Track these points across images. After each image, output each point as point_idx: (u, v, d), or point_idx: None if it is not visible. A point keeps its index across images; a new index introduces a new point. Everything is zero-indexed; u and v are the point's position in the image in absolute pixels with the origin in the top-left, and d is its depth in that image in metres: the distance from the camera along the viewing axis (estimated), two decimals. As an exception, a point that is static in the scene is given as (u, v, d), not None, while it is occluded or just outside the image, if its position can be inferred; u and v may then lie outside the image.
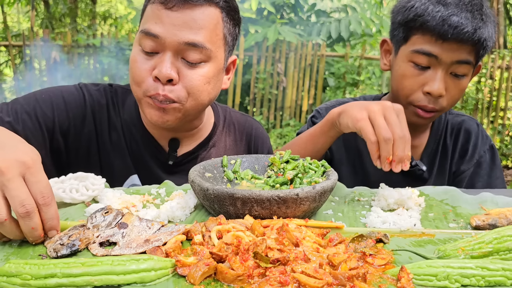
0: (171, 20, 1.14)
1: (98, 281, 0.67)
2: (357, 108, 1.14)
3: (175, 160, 1.36)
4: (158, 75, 1.14)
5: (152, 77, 1.16)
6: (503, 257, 0.78)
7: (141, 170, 1.35)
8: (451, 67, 1.32)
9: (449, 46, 1.28)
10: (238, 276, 0.69)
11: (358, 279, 0.69)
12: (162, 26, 1.14)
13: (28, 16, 9.52)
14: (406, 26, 1.35)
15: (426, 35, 1.31)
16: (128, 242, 0.81)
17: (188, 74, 1.17)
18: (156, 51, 1.16)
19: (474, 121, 1.61)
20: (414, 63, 1.34)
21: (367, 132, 1.07)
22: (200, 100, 1.22)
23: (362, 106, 1.13)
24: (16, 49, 7.21)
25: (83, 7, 9.50)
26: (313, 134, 1.35)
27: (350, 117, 1.14)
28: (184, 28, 1.14)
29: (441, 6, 1.28)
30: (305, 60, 6.75)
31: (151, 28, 1.14)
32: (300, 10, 7.72)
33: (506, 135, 6.71)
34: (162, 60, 1.15)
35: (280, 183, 1.06)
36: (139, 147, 1.35)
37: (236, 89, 6.73)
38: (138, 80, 1.18)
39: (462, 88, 1.37)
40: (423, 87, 1.34)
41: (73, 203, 1.02)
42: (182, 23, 1.14)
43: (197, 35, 1.15)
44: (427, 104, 1.35)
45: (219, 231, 0.82)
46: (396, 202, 1.06)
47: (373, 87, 7.02)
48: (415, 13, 1.32)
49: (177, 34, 1.14)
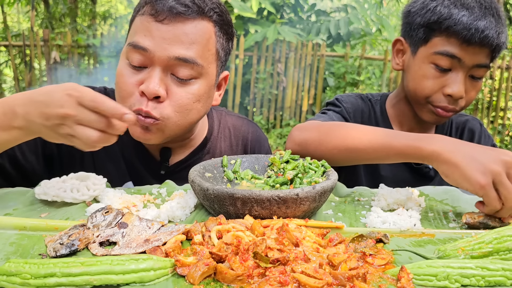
0: (161, 34, 1.09)
1: (97, 280, 0.67)
2: (472, 164, 0.95)
3: (167, 170, 1.32)
4: (145, 90, 1.09)
5: (139, 91, 1.10)
6: (503, 257, 0.78)
7: (134, 178, 1.32)
8: (471, 70, 1.34)
9: (473, 49, 1.30)
10: (237, 276, 0.68)
11: (358, 279, 0.69)
12: (151, 39, 1.09)
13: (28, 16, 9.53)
14: (428, 27, 1.35)
15: (451, 38, 1.31)
16: (128, 242, 0.81)
17: (177, 91, 1.12)
18: (144, 66, 1.11)
19: (477, 121, 1.65)
20: (436, 65, 1.35)
21: (492, 201, 0.93)
22: (188, 119, 1.17)
23: (477, 162, 0.95)
24: (16, 49, 7.22)
25: (83, 7, 9.50)
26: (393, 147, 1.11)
27: (467, 179, 0.95)
28: (174, 42, 1.09)
29: (465, 10, 1.29)
30: (305, 60, 6.76)
31: (139, 41, 1.09)
32: (300, 10, 7.72)
33: (506, 135, 6.71)
34: (150, 76, 1.10)
35: (280, 183, 1.06)
36: (131, 156, 1.31)
37: (236, 89, 6.74)
38: (124, 94, 1.13)
39: (478, 89, 1.40)
40: (444, 89, 1.35)
41: (74, 203, 1.02)
42: (172, 36, 1.09)
43: (189, 50, 1.10)
44: (447, 105, 1.37)
45: (219, 231, 0.82)
46: (396, 202, 1.06)
47: (373, 87, 7.02)
48: (438, 15, 1.32)
49: (167, 49, 1.09)
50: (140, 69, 1.12)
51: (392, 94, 1.61)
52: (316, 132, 1.26)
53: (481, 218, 0.96)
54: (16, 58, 7.32)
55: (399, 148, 1.09)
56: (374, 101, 1.59)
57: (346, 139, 1.19)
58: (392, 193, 1.07)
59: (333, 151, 1.20)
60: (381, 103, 1.58)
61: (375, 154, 1.14)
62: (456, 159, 0.97)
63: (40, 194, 1.01)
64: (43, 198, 1.01)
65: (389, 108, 1.57)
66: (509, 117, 6.94)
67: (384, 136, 1.14)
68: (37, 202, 1.02)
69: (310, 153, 1.23)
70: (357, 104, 1.55)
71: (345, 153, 1.19)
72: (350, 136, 1.19)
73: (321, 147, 1.22)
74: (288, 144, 1.31)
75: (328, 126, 1.29)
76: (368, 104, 1.58)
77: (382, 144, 1.12)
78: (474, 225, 0.96)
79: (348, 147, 1.18)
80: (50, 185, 1.02)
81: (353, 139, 1.18)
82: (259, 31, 6.78)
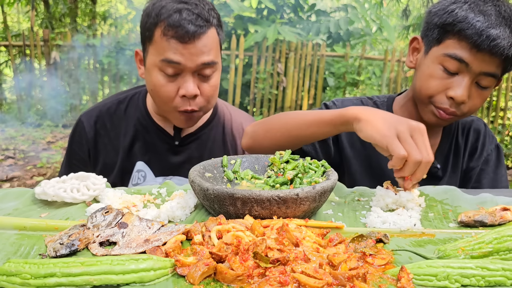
0: (189, 51, 1.37)
1: (97, 280, 0.67)
2: (382, 121, 1.11)
3: (179, 140, 1.62)
4: (186, 94, 1.41)
5: (180, 95, 1.42)
6: (503, 257, 0.78)
7: (152, 155, 1.62)
8: (478, 77, 1.34)
9: (482, 56, 1.30)
10: (237, 276, 0.68)
11: (358, 279, 0.69)
12: (181, 55, 1.37)
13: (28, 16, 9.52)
14: (443, 28, 1.36)
15: (462, 41, 1.31)
16: (128, 242, 0.81)
17: (206, 87, 1.45)
18: (177, 73, 1.40)
19: (481, 122, 1.67)
20: (444, 67, 1.35)
21: (396, 147, 1.05)
22: (213, 103, 1.52)
23: (387, 121, 1.11)
24: (16, 49, 7.22)
25: (83, 7, 9.50)
26: (322, 119, 1.28)
27: (375, 130, 1.10)
28: (200, 53, 1.38)
29: (482, 15, 1.29)
30: (305, 60, 6.75)
31: (172, 58, 1.37)
32: (300, 10, 7.72)
33: (506, 135, 6.71)
34: (185, 81, 1.41)
35: (280, 183, 1.06)
36: (151, 136, 1.62)
37: (236, 89, 6.73)
38: (166, 100, 1.43)
39: (484, 97, 1.40)
40: (447, 91, 1.36)
41: (74, 203, 1.02)
42: (197, 51, 1.38)
43: (209, 55, 1.41)
44: (448, 108, 1.37)
45: (219, 231, 0.82)
46: (395, 203, 1.06)
47: (373, 87, 7.02)
48: (454, 18, 1.32)
49: (195, 60, 1.38)
50: (174, 77, 1.41)
51: (401, 96, 1.61)
52: (264, 123, 1.42)
53: (476, 216, 0.97)
54: (16, 58, 7.31)
55: (327, 119, 1.26)
56: (380, 103, 1.59)
57: (286, 122, 1.37)
58: (390, 193, 1.07)
59: (277, 135, 1.35)
60: (388, 105, 1.59)
61: (309, 129, 1.30)
62: (370, 117, 1.14)
63: (40, 194, 1.01)
64: (43, 198, 1.01)
65: (397, 109, 1.57)
66: (509, 117, 6.94)
67: (316, 113, 1.31)
68: (37, 202, 1.02)
69: (260, 142, 1.40)
70: None
71: (286, 134, 1.34)
72: (290, 118, 1.37)
73: (268, 134, 1.38)
74: (242, 140, 1.47)
75: (276, 116, 1.44)
76: (371, 106, 1.58)
77: (313, 119, 1.29)
78: (469, 224, 0.96)
79: (288, 128, 1.34)
80: (49, 185, 1.02)
81: (292, 120, 1.36)
82: (259, 31, 6.78)
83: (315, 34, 7.13)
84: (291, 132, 1.33)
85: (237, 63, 6.72)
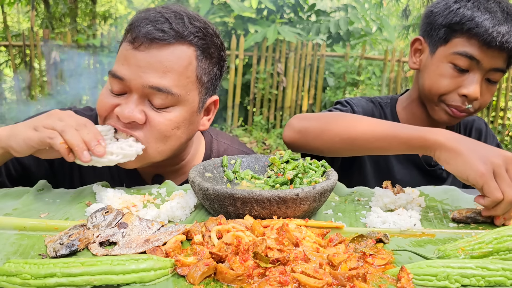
0: (137, 61, 1.08)
1: (97, 280, 0.67)
2: (475, 155, 0.97)
3: None
4: (119, 114, 1.09)
5: (115, 115, 1.11)
6: (503, 257, 0.78)
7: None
8: (488, 73, 1.36)
9: (492, 53, 1.31)
10: (237, 276, 0.68)
11: (358, 279, 0.69)
12: (128, 68, 1.09)
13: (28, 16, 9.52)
14: (449, 28, 1.36)
15: (471, 39, 1.33)
16: (128, 242, 0.81)
17: (155, 118, 1.11)
18: (124, 92, 1.12)
19: (482, 121, 1.68)
20: (454, 65, 1.36)
21: (493, 190, 0.93)
22: (168, 146, 1.15)
23: (479, 154, 0.97)
24: (16, 49, 7.21)
25: (83, 7, 9.49)
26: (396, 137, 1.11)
27: (469, 166, 0.96)
28: (149, 70, 1.08)
29: (488, 13, 1.30)
30: (305, 60, 6.75)
31: (117, 70, 1.10)
32: (300, 10, 7.72)
33: (506, 135, 6.71)
34: (127, 101, 1.10)
35: (280, 183, 1.06)
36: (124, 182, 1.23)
37: (236, 89, 6.73)
38: (102, 114, 1.14)
39: (492, 93, 1.41)
40: (460, 89, 1.37)
41: (74, 203, 1.02)
42: (147, 64, 1.08)
43: (163, 78, 1.08)
44: (461, 105, 1.38)
45: (219, 231, 0.82)
46: (393, 203, 1.06)
47: (373, 87, 7.01)
48: (461, 17, 1.33)
49: (142, 77, 1.08)
50: (119, 96, 1.12)
51: (403, 96, 1.61)
52: (317, 121, 1.26)
53: (468, 213, 0.97)
54: (16, 58, 7.31)
55: (403, 138, 1.10)
56: (384, 104, 1.59)
57: (349, 127, 1.19)
58: (388, 194, 1.07)
59: (335, 140, 1.20)
60: (391, 106, 1.59)
61: (377, 143, 1.14)
62: (459, 148, 1.00)
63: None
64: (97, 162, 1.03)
65: (400, 110, 1.57)
66: (509, 117, 6.94)
67: (388, 126, 1.15)
68: (37, 202, 1.02)
69: (309, 141, 1.24)
70: (368, 108, 1.56)
71: (347, 141, 1.19)
72: (353, 125, 1.19)
73: (323, 135, 1.21)
74: (286, 132, 1.29)
75: (331, 115, 1.28)
76: (378, 107, 1.58)
77: (386, 134, 1.13)
78: (461, 220, 0.97)
79: (350, 136, 1.18)
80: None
81: (356, 127, 1.18)
82: (259, 31, 6.77)
83: (315, 34, 7.13)
84: (355, 141, 1.18)
85: (237, 63, 6.72)
